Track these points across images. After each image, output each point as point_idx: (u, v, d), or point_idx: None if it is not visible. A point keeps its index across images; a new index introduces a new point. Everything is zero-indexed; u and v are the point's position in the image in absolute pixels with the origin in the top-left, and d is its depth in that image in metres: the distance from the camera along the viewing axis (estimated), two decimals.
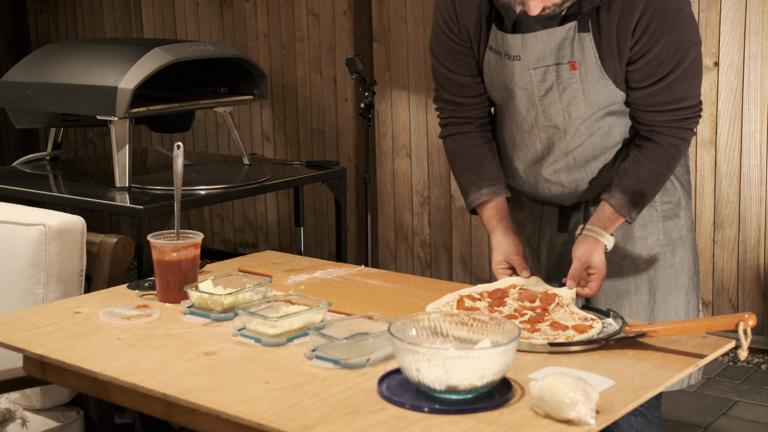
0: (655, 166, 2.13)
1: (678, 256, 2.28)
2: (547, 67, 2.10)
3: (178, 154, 2.22)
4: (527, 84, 2.14)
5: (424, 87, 4.64)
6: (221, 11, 5.32)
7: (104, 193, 3.16)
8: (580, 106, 2.13)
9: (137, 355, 1.86)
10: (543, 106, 2.16)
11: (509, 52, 2.12)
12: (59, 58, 3.38)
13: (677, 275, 2.28)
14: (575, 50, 2.07)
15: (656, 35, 2.02)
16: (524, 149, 2.25)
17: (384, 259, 4.91)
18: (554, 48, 2.08)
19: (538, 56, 2.09)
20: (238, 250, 5.47)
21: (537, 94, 2.14)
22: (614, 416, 1.57)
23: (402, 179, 4.79)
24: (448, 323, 1.76)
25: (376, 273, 2.41)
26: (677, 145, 2.14)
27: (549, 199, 2.31)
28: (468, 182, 2.28)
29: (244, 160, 3.66)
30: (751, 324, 1.77)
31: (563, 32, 2.06)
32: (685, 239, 2.29)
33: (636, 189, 2.13)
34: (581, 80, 2.09)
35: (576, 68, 2.08)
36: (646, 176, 2.13)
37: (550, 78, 2.11)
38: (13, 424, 2.38)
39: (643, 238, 2.26)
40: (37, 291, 2.44)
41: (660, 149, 2.13)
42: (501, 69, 2.16)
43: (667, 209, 2.27)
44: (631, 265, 2.26)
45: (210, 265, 2.49)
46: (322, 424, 1.53)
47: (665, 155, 2.13)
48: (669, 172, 2.16)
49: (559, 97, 2.13)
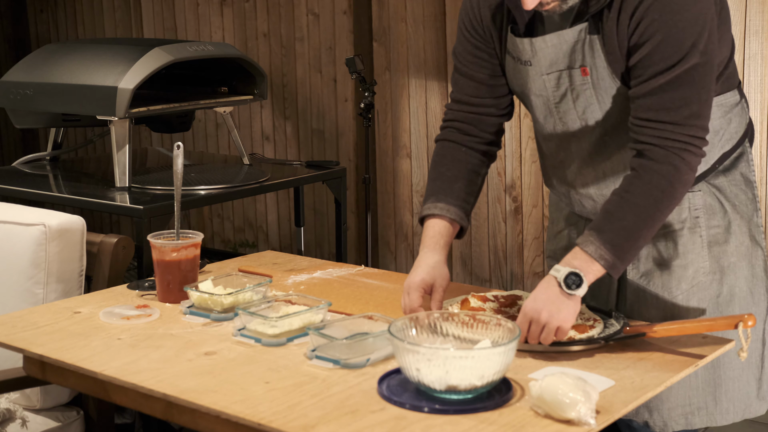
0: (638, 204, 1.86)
1: (726, 285, 2.08)
2: (560, 72, 1.99)
3: (178, 154, 2.22)
4: (542, 90, 2.03)
5: (424, 87, 4.64)
6: (221, 11, 5.32)
7: (104, 193, 3.16)
8: (596, 113, 2.00)
9: (137, 355, 1.86)
10: (559, 114, 2.04)
11: (521, 56, 2.03)
12: (59, 58, 3.38)
13: (725, 305, 2.08)
14: (586, 54, 1.95)
15: (650, 30, 1.86)
16: (550, 158, 2.14)
17: (384, 259, 4.91)
18: (566, 52, 1.96)
19: (550, 61, 1.98)
20: (238, 250, 5.47)
21: (552, 101, 2.03)
22: (614, 416, 1.57)
23: (402, 179, 4.79)
24: (448, 323, 1.76)
25: (376, 273, 2.41)
26: (664, 174, 1.85)
27: (583, 213, 2.17)
28: (431, 191, 2.10)
29: (244, 160, 3.66)
30: (750, 325, 1.77)
31: (574, 35, 1.94)
32: (735, 267, 2.08)
33: (618, 233, 1.85)
34: (593, 86, 1.97)
35: (587, 73, 1.96)
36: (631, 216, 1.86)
37: (563, 84, 1.99)
38: (13, 424, 2.38)
39: (683, 267, 2.06)
40: (37, 291, 2.44)
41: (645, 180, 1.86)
42: (517, 74, 2.07)
43: (714, 234, 2.07)
44: (669, 295, 2.07)
45: (210, 265, 2.49)
46: (322, 424, 1.53)
47: (649, 188, 1.86)
48: (658, 210, 1.87)
49: (574, 104, 2.01)
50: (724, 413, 2.10)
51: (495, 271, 4.56)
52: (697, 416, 2.08)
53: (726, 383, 2.09)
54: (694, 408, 2.08)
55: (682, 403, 2.08)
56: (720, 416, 2.09)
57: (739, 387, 2.10)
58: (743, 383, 2.11)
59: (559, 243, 2.28)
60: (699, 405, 2.08)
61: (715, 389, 2.08)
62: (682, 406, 2.08)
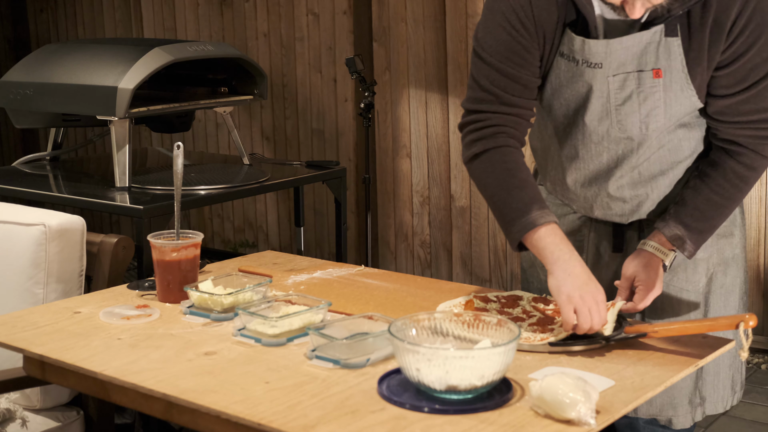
0: (722, 197, 1.98)
1: (730, 276, 2.14)
2: (627, 74, 1.93)
3: (178, 154, 2.22)
4: (603, 92, 1.96)
5: (424, 87, 4.64)
6: (221, 11, 5.32)
7: (104, 193, 3.16)
8: (659, 117, 1.96)
9: (137, 355, 1.86)
10: (619, 117, 1.97)
11: (590, 59, 1.93)
12: (59, 58, 3.38)
13: (728, 296, 2.14)
14: (660, 56, 1.90)
15: (752, 36, 1.85)
16: (587, 162, 2.06)
17: (384, 259, 4.91)
18: (637, 53, 1.91)
19: (619, 62, 1.92)
20: (238, 250, 5.47)
21: (613, 104, 1.96)
22: (614, 416, 1.57)
23: (402, 179, 4.79)
24: (448, 323, 1.76)
25: (376, 273, 2.41)
26: (755, 167, 1.96)
27: (604, 217, 2.14)
28: (529, 198, 1.93)
29: (244, 160, 3.66)
30: (751, 324, 1.77)
31: (649, 36, 1.88)
32: (737, 259, 2.15)
33: (697, 221, 1.98)
34: (664, 89, 1.92)
35: (660, 76, 1.91)
36: (713, 208, 1.98)
37: (629, 86, 1.94)
38: (13, 424, 2.38)
39: (704, 260, 2.10)
40: (37, 291, 2.44)
41: (731, 174, 1.97)
42: (574, 77, 1.98)
43: (723, 227, 2.11)
44: (693, 289, 2.11)
45: (210, 265, 2.49)
46: (322, 424, 1.53)
47: (736, 181, 1.97)
48: (736, 206, 2.02)
49: (639, 107, 1.95)
50: (719, 401, 2.16)
51: (495, 271, 4.56)
52: (703, 407, 2.14)
53: (724, 371, 2.16)
54: (701, 399, 2.13)
55: (695, 395, 2.12)
56: (717, 404, 2.16)
57: (731, 374, 2.17)
58: (734, 370, 2.19)
59: None
60: (704, 394, 2.13)
61: (715, 377, 2.14)
62: (695, 399, 2.12)
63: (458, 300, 2.08)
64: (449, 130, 4.59)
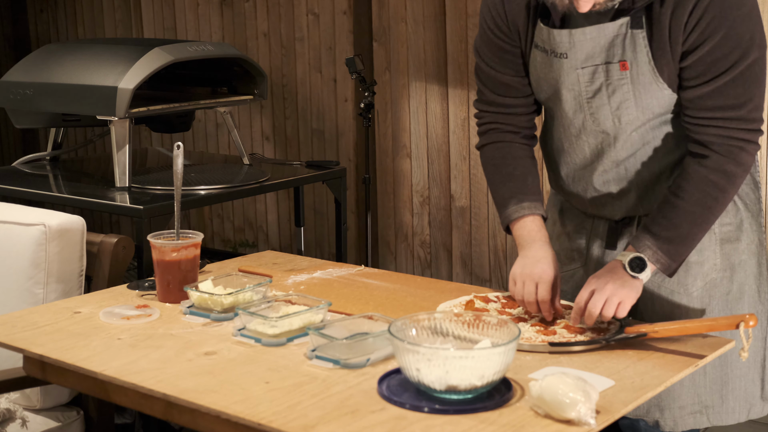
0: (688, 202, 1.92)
1: (737, 283, 2.08)
2: (595, 66, 1.96)
3: (178, 154, 2.22)
4: (574, 84, 2.00)
5: (424, 87, 4.64)
6: (221, 11, 5.32)
7: (104, 193, 3.16)
8: (631, 110, 1.97)
9: (137, 355, 1.86)
10: (591, 110, 2.01)
11: (556, 49, 1.98)
12: (59, 58, 3.38)
13: (734, 303, 2.09)
14: (627, 48, 1.92)
15: (710, 28, 1.85)
16: (572, 155, 2.11)
17: (384, 259, 4.91)
18: (604, 46, 1.94)
19: (586, 54, 1.95)
20: (238, 250, 5.47)
21: (584, 96, 2.00)
22: (614, 416, 1.57)
23: (402, 179, 4.79)
24: (448, 323, 1.76)
25: (376, 273, 2.41)
26: (726, 171, 1.91)
27: (598, 212, 2.16)
28: (509, 193, 2.08)
29: (244, 160, 3.66)
30: (752, 324, 1.77)
31: (614, 29, 1.92)
32: (746, 264, 2.09)
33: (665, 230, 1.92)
34: (632, 81, 1.94)
35: (627, 68, 1.93)
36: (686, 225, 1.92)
37: (598, 78, 1.97)
38: (13, 424, 2.38)
39: (699, 264, 2.07)
40: (37, 291, 2.44)
41: (699, 179, 1.92)
42: (547, 68, 2.03)
43: (727, 232, 2.08)
44: (684, 292, 2.08)
45: (210, 265, 2.49)
46: (322, 424, 1.53)
47: (704, 186, 1.92)
48: (711, 215, 1.94)
49: (608, 100, 1.98)
50: (730, 412, 2.10)
51: (495, 271, 4.56)
52: (705, 415, 2.09)
53: (733, 381, 2.09)
54: (702, 407, 2.08)
55: (691, 401, 2.08)
56: (726, 415, 2.10)
57: (744, 386, 2.10)
58: (748, 382, 2.11)
59: (562, 245, 2.27)
60: (707, 403, 2.08)
61: (722, 387, 2.09)
62: (692, 405, 2.08)
63: (458, 300, 2.08)
64: (449, 130, 4.59)
